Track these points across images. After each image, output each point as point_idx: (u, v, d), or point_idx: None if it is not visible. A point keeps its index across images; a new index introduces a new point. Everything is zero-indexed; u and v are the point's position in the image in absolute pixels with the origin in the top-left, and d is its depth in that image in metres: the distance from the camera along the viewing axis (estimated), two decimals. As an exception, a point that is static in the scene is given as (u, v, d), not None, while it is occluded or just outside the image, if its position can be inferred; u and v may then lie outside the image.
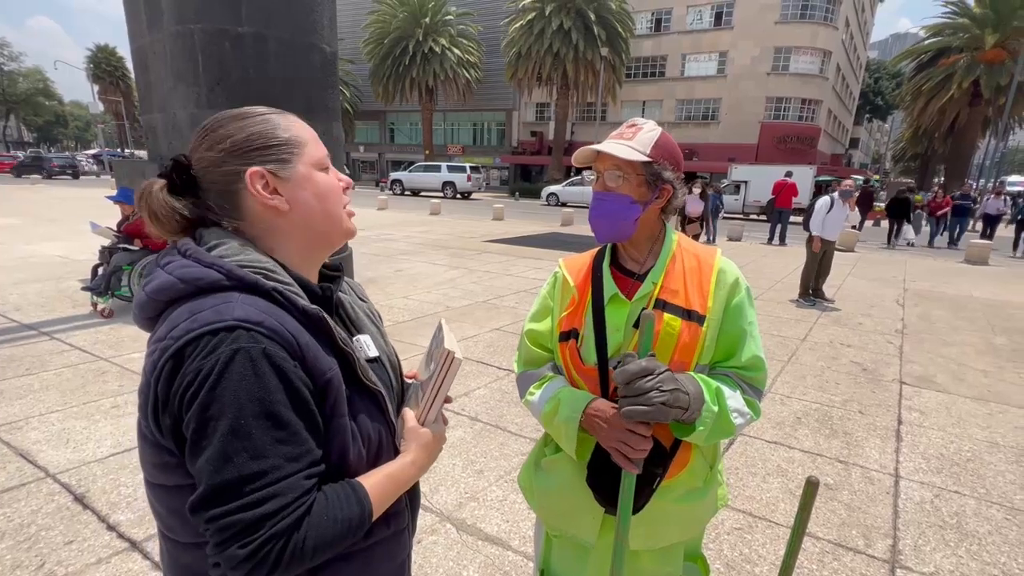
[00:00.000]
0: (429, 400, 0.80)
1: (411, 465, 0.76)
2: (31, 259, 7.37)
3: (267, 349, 0.60)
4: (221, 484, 0.57)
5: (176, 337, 0.60)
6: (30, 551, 1.93)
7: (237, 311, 0.61)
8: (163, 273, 0.66)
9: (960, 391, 3.97)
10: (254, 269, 0.67)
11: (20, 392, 3.22)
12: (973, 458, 2.97)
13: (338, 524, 0.63)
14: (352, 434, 0.69)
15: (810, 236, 6.59)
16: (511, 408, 3.32)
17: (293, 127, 0.73)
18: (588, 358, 1.06)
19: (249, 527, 0.57)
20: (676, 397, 0.89)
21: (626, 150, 0.99)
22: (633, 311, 1.04)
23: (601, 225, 1.06)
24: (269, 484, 0.58)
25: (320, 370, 0.65)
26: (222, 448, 0.57)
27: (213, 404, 0.58)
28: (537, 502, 1.22)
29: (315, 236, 0.75)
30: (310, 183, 0.73)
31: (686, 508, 1.11)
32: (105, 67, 53.63)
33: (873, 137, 76.07)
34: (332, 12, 5.37)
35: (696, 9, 32.87)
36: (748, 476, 2.69)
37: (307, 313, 0.67)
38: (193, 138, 0.73)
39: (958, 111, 29.21)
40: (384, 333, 0.91)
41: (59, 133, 73.52)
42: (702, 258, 1.08)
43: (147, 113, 5.33)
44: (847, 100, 41.16)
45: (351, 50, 36.26)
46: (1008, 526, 2.37)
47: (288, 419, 0.61)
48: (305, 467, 0.62)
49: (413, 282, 6.86)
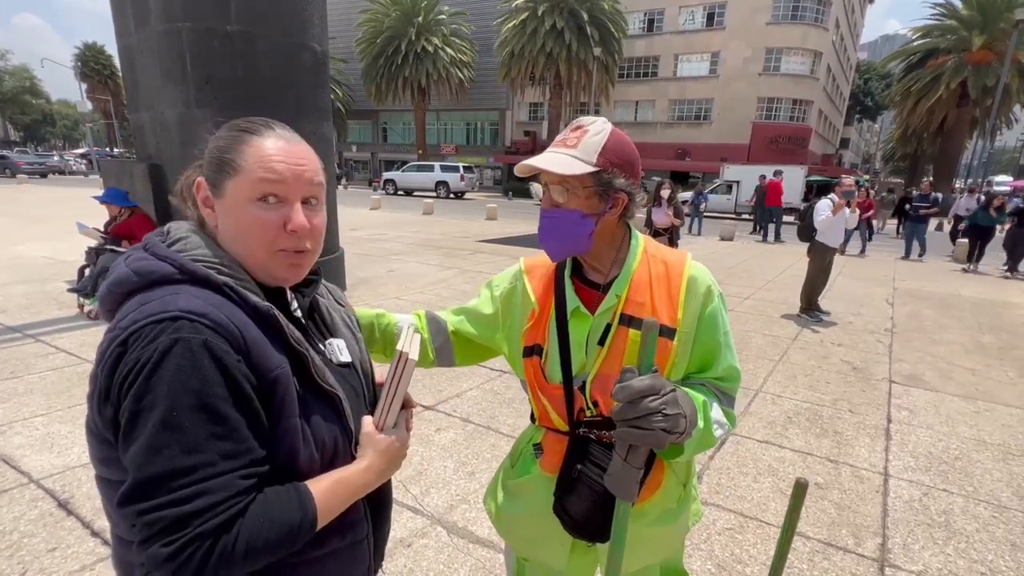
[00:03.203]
0: (387, 404, 0.78)
1: (365, 471, 0.73)
2: (16, 260, 7.26)
3: (208, 341, 0.59)
4: (148, 477, 0.55)
5: (123, 327, 0.60)
6: (12, 559, 1.89)
7: (182, 302, 0.61)
8: (122, 266, 0.67)
9: (948, 389, 4.01)
10: (207, 264, 0.67)
11: (3, 396, 3.16)
12: (961, 456, 3.00)
13: (275, 527, 0.60)
14: (304, 437, 0.67)
15: (814, 243, 5.77)
16: (503, 409, 3.31)
17: (244, 150, 0.69)
18: (553, 376, 1.00)
19: (174, 524, 0.54)
20: (676, 423, 0.80)
21: (568, 162, 0.90)
22: (596, 326, 0.98)
23: (552, 246, 0.98)
24: (200, 480, 0.56)
25: (267, 367, 0.64)
26: (152, 440, 0.56)
27: (147, 394, 0.56)
28: (504, 528, 1.16)
29: (241, 261, 0.72)
30: (236, 213, 0.70)
31: (661, 531, 1.06)
32: (93, 65, 52.93)
33: (863, 137, 76.79)
34: (322, 11, 5.33)
35: (688, 10, 33.01)
36: (739, 476, 2.69)
37: (258, 309, 0.66)
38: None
39: (946, 112, 29.50)
40: (360, 339, 0.89)
41: (47, 132, 72.49)
42: (671, 264, 1.00)
43: (135, 112, 5.26)
44: (837, 101, 41.52)
45: (344, 49, 36.07)
46: (995, 524, 2.39)
47: (227, 414, 0.59)
48: (243, 466, 0.59)
49: (406, 282, 6.83)
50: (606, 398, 0.97)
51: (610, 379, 0.96)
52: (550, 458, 1.05)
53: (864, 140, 78.11)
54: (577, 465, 0.98)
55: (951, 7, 29.83)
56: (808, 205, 6.01)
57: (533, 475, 1.08)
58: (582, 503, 0.96)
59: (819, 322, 5.77)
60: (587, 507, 0.95)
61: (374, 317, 1.12)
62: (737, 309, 6.24)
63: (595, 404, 0.98)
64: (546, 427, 1.07)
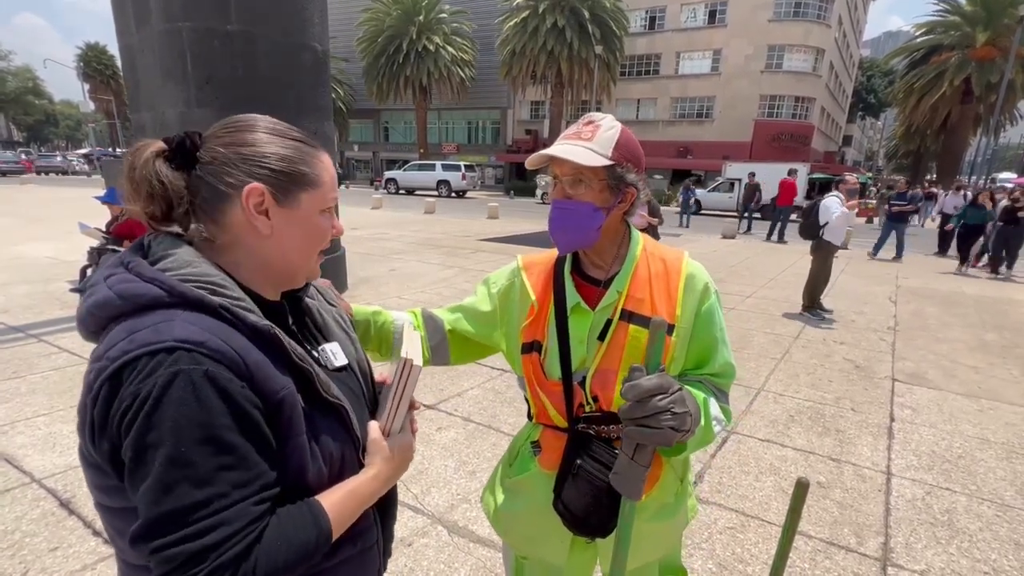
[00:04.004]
0: (392, 410, 0.77)
1: (374, 479, 0.73)
2: (19, 260, 7.28)
3: (209, 371, 0.57)
4: (161, 515, 0.55)
5: (113, 358, 0.57)
6: (13, 558, 1.90)
7: (177, 330, 0.58)
8: (104, 287, 0.63)
9: (952, 388, 3.99)
10: (198, 284, 0.63)
11: (6, 395, 3.18)
12: (964, 455, 2.99)
13: (292, 548, 0.60)
14: (312, 453, 0.66)
15: (819, 241, 5.70)
16: (504, 408, 3.31)
17: (318, 165, 0.72)
18: (552, 372, 1.01)
19: (192, 559, 0.54)
20: (683, 421, 0.81)
21: (586, 154, 0.91)
22: (597, 322, 0.98)
23: (563, 237, 0.99)
24: (214, 513, 0.56)
25: (272, 389, 0.62)
26: (161, 478, 0.55)
27: (151, 432, 0.55)
28: (503, 527, 1.16)
29: (281, 268, 0.73)
30: (305, 224, 0.72)
31: (659, 526, 1.07)
32: (96, 65, 53.03)
33: (866, 135, 76.51)
34: (323, 10, 5.33)
35: (690, 7, 32.90)
36: (741, 475, 2.68)
37: (257, 329, 0.64)
38: (215, 127, 0.69)
39: (950, 108, 29.36)
40: (355, 338, 0.88)
41: (50, 132, 72.74)
42: (669, 262, 1.01)
43: (136, 112, 5.27)
44: (840, 98, 41.34)
45: (345, 48, 36.05)
46: (999, 523, 2.38)
47: (234, 443, 0.58)
48: (255, 492, 0.59)
49: (407, 281, 6.83)
50: (606, 393, 0.97)
51: (610, 374, 0.97)
52: (548, 455, 1.05)
53: (867, 137, 77.84)
54: (577, 461, 0.98)
55: (955, 3, 29.68)
56: (812, 203, 5.90)
57: (532, 472, 1.08)
58: (582, 499, 0.96)
59: (822, 320, 5.74)
60: (587, 503, 0.96)
61: (370, 315, 1.11)
62: (739, 308, 6.22)
63: (595, 399, 0.98)
64: (544, 424, 1.07)
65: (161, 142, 0.68)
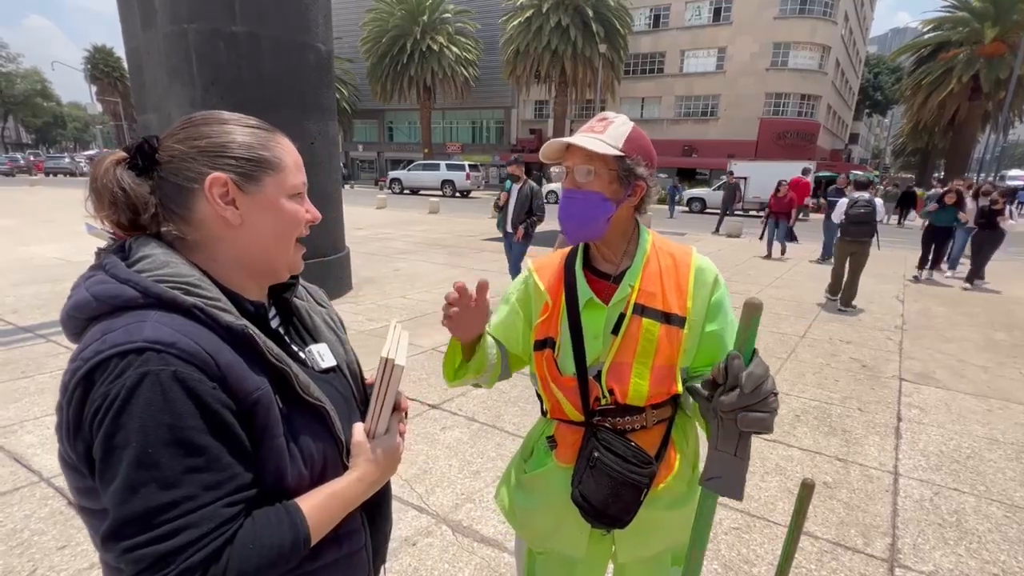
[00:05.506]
0: (376, 411, 0.76)
1: (358, 482, 0.72)
2: (28, 261, 7.35)
3: (179, 372, 0.57)
4: (127, 517, 0.54)
5: (85, 359, 0.57)
6: (22, 556, 1.92)
7: (148, 331, 0.57)
8: (82, 289, 0.63)
9: (960, 387, 3.95)
10: (173, 284, 0.62)
11: (15, 395, 3.21)
12: (973, 455, 2.96)
13: (266, 551, 0.59)
14: (291, 454, 0.66)
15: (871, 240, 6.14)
16: (508, 408, 3.31)
17: (277, 148, 0.72)
18: (566, 368, 1.02)
19: (160, 560, 0.54)
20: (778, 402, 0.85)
21: (597, 143, 0.95)
22: (611, 316, 1.00)
23: (572, 224, 1.01)
24: (181, 515, 0.55)
25: (246, 390, 0.62)
26: (128, 479, 0.54)
27: (118, 433, 0.55)
28: (519, 521, 1.17)
29: (259, 260, 0.72)
30: (273, 209, 0.71)
31: (674, 515, 1.09)
32: (103, 67, 53.44)
33: (873, 132, 75.90)
34: (327, 11, 5.35)
35: (695, 5, 32.75)
36: (746, 475, 2.67)
37: (232, 329, 0.63)
38: (172, 127, 0.70)
39: (958, 105, 29.08)
40: (344, 340, 0.87)
41: (58, 134, 73.35)
42: (678, 257, 1.04)
43: (142, 113, 5.31)
44: (846, 95, 41.04)
45: (349, 48, 36.17)
46: (1008, 524, 2.35)
47: (204, 445, 0.57)
48: (227, 494, 0.58)
49: (411, 281, 6.84)
50: (622, 386, 0.99)
51: (624, 367, 0.99)
52: (565, 449, 1.07)
53: (874, 135, 77.23)
54: (594, 454, 0.99)
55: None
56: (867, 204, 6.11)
57: (549, 467, 1.09)
58: (601, 491, 0.98)
59: (844, 313, 6.02)
60: (606, 494, 0.97)
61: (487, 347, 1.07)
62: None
63: (611, 392, 1.00)
64: (559, 419, 1.09)
65: (121, 151, 0.69)
